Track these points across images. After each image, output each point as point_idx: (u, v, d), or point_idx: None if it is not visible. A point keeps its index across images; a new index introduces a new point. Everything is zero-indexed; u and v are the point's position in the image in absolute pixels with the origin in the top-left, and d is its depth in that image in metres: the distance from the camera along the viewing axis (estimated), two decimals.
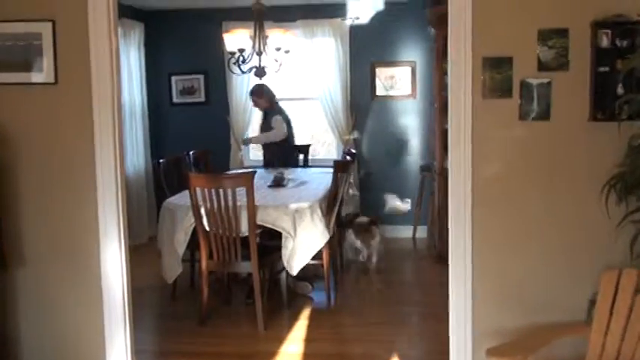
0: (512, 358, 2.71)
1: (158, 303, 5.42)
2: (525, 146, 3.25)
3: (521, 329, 3.21)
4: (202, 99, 7.84)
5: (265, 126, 6.83)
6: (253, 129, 7.62)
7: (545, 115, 3.19)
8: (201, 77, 7.81)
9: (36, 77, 3.48)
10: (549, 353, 2.94)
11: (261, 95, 6.74)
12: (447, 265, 3.41)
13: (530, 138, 3.23)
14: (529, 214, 3.29)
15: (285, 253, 4.78)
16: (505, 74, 3.18)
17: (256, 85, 6.68)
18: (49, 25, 3.43)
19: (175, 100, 7.89)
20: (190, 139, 7.33)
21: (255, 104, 6.92)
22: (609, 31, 3.07)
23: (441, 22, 5.62)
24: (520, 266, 3.32)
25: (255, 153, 7.85)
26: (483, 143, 3.26)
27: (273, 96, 6.82)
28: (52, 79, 3.47)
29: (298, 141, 7.20)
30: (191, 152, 6.29)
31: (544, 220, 3.27)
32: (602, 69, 3.10)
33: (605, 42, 3.08)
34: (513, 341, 2.92)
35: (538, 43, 3.14)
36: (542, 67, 3.16)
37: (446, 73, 4.15)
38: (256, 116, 7.66)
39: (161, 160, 5.66)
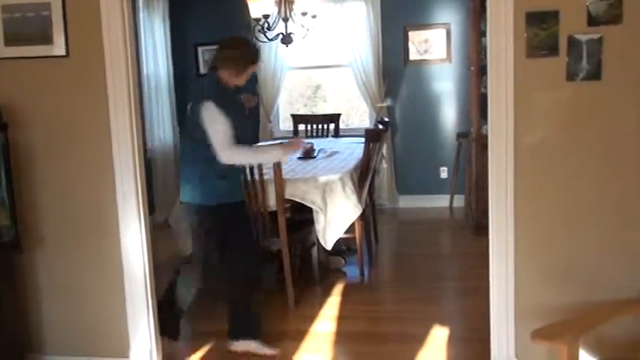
0: (561, 340, 2.49)
1: None
2: (574, 110, 2.99)
3: (568, 308, 3.00)
4: None
5: None
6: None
7: (595, 74, 2.92)
8: None
9: (46, 50, 3.33)
10: (601, 334, 2.73)
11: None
12: (486, 236, 3.23)
13: (579, 100, 2.97)
14: (578, 185, 3.04)
15: (318, 227, 4.61)
16: (550, 30, 2.91)
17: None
18: None
19: (202, 71, 7.70)
20: None
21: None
22: None
23: None
24: (568, 240, 3.10)
25: (286, 124, 7.65)
26: (526, 107, 3.01)
27: None
28: (63, 52, 3.33)
29: (331, 110, 6.96)
30: None
31: (595, 192, 3.03)
32: None
33: None
34: (561, 321, 2.69)
35: None
36: (593, 21, 2.88)
37: (484, 34, 3.88)
38: (287, 85, 7.45)
39: None
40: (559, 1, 2.91)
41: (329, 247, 4.65)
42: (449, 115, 7.19)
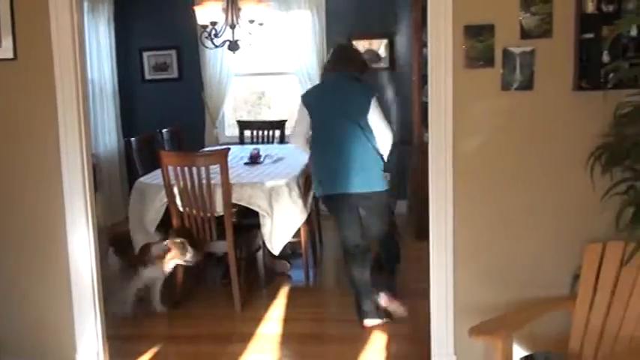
0: (495, 335, 2.64)
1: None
2: (508, 117, 3.14)
3: (504, 305, 3.13)
4: (175, 75, 7.64)
5: None
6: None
7: (528, 84, 3.08)
8: (173, 53, 7.60)
9: None
10: (533, 329, 2.88)
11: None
12: (428, 240, 3.33)
13: (513, 109, 3.13)
14: (512, 188, 3.20)
15: (265, 231, 4.67)
16: (487, 43, 3.06)
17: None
18: None
19: (147, 76, 7.68)
20: (164, 116, 7.15)
21: None
22: None
23: None
24: (503, 241, 3.24)
25: (231, 131, 7.69)
26: (464, 115, 3.15)
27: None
28: (11, 55, 3.31)
29: (276, 116, 7.05)
30: (164, 130, 6.12)
31: (528, 194, 3.19)
32: (586, 36, 2.98)
33: (590, 7, 2.96)
34: (496, 318, 2.83)
35: (520, 9, 3.02)
36: (525, 34, 3.04)
37: (425, 45, 4.03)
38: (232, 92, 7.50)
39: (132, 139, 5.49)
40: (494, 15, 3.05)
41: (276, 252, 4.72)
42: (392, 122, 7.30)
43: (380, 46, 7.21)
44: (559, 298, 3.04)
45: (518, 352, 3.02)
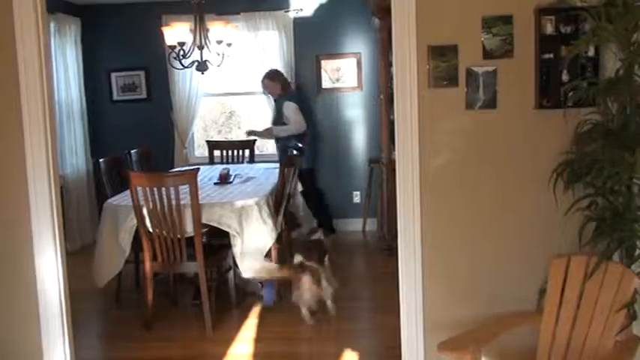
0: (463, 351, 2.67)
1: (103, 307, 5.23)
2: (473, 136, 3.21)
3: (473, 321, 3.17)
4: (144, 96, 7.62)
5: (277, 116, 6.72)
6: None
7: (491, 103, 3.16)
8: (142, 73, 7.57)
9: None
10: (501, 344, 2.91)
11: (275, 79, 6.70)
12: (397, 257, 3.36)
13: (477, 127, 3.20)
14: (478, 204, 3.26)
15: (236, 251, 4.66)
16: (450, 63, 3.13)
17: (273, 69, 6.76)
18: None
19: (116, 97, 7.64)
20: (133, 137, 7.10)
21: (269, 89, 6.78)
22: (553, 17, 3.06)
23: (385, 12, 5.63)
24: (470, 257, 3.30)
25: (201, 151, 7.68)
26: (430, 133, 3.21)
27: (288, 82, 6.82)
28: None
29: (244, 136, 7.08)
30: (133, 151, 6.10)
31: (493, 210, 3.25)
32: (546, 56, 3.08)
33: (549, 28, 3.06)
34: (464, 333, 2.87)
35: (483, 30, 3.11)
36: (487, 54, 3.13)
37: (391, 64, 4.09)
38: (201, 112, 7.51)
39: (101, 160, 5.46)
40: (457, 36, 3.13)
41: (247, 276, 4.71)
42: (361, 141, 7.41)
43: (345, 66, 7.30)
44: (526, 313, 3.09)
45: None
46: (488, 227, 3.27)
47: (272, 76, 6.72)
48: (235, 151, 7.10)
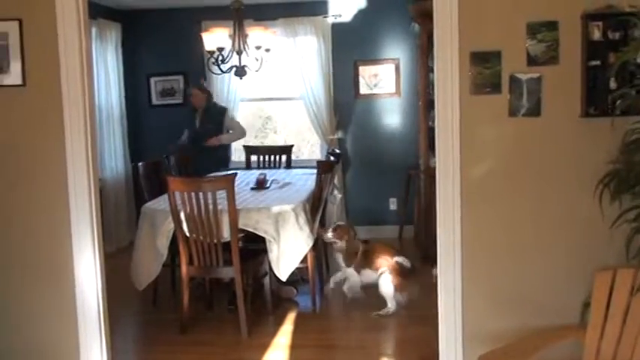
0: None
1: (139, 310, 5.26)
2: (516, 144, 3.15)
3: (513, 333, 3.10)
4: (182, 100, 7.68)
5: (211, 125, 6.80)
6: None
7: (535, 111, 3.09)
8: (180, 78, 7.64)
9: (3, 79, 3.34)
10: (543, 358, 2.84)
11: (204, 90, 6.84)
12: (435, 266, 3.29)
13: (520, 135, 3.14)
14: (520, 214, 3.19)
15: (272, 257, 4.65)
16: (493, 69, 3.08)
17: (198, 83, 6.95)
18: (16, 24, 3.31)
19: (155, 101, 7.72)
20: (171, 141, 7.16)
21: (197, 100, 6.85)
22: (600, 23, 2.99)
23: (424, 17, 5.59)
24: (512, 268, 3.23)
25: (238, 155, 7.71)
26: (472, 141, 3.16)
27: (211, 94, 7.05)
28: (19, 81, 3.34)
29: (282, 141, 7.09)
30: (171, 155, 6.14)
31: (536, 221, 3.18)
32: (593, 63, 3.01)
33: (596, 34, 2.99)
34: (506, 347, 2.80)
35: (527, 36, 3.05)
36: (532, 61, 3.07)
37: (431, 70, 4.04)
38: (239, 116, 7.54)
39: (140, 164, 5.51)
40: (501, 42, 3.08)
41: (284, 278, 4.69)
42: (398, 147, 7.34)
43: (383, 71, 7.26)
44: (569, 327, 3.02)
45: None
46: (530, 237, 3.20)
47: (202, 88, 6.84)
48: (272, 156, 7.10)
